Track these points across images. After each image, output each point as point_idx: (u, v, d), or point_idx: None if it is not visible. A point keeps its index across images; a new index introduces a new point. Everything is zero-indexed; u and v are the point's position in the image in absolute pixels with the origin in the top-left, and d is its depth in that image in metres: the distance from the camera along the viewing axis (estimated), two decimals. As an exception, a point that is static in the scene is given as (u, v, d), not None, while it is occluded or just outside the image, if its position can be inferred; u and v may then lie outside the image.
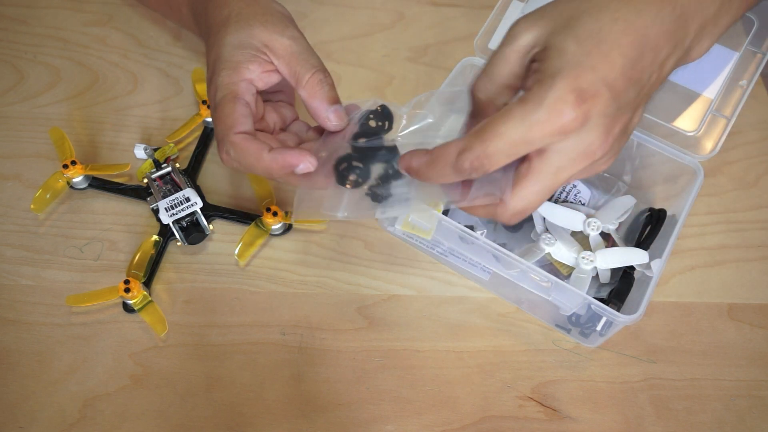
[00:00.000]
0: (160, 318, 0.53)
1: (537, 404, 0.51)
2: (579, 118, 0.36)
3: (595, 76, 0.36)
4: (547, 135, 0.37)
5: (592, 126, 0.37)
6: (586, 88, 0.36)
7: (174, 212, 0.55)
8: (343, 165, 0.47)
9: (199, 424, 0.50)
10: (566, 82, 0.36)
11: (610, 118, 0.38)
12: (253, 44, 0.48)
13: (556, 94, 0.36)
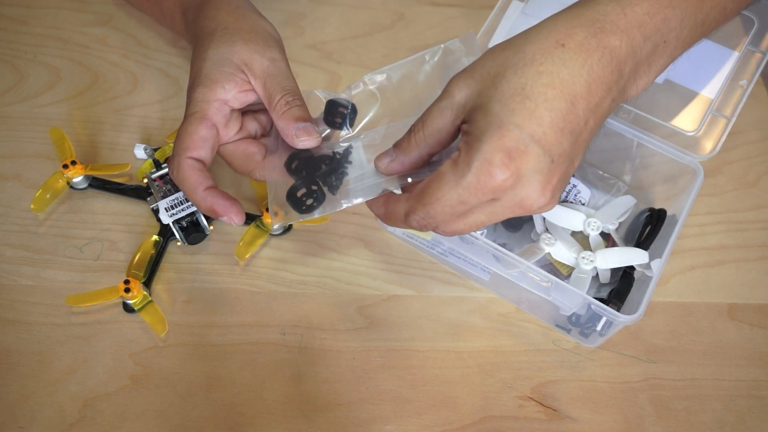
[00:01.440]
0: (160, 318, 0.53)
1: (537, 404, 0.51)
2: (509, 177, 0.37)
3: (522, 133, 0.36)
4: (481, 196, 0.38)
5: (526, 182, 0.37)
6: (513, 146, 0.36)
7: (174, 212, 0.55)
8: (299, 192, 0.48)
9: (199, 424, 0.50)
10: (492, 143, 0.37)
11: (544, 172, 0.37)
12: (233, 61, 0.49)
13: (483, 156, 0.37)
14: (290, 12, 0.71)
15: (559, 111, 0.37)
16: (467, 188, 0.38)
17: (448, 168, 0.38)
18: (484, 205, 0.39)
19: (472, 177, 0.37)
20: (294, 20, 0.70)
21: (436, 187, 0.39)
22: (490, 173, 0.37)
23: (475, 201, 0.38)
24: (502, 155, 0.36)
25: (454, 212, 0.39)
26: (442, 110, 0.41)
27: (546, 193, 0.38)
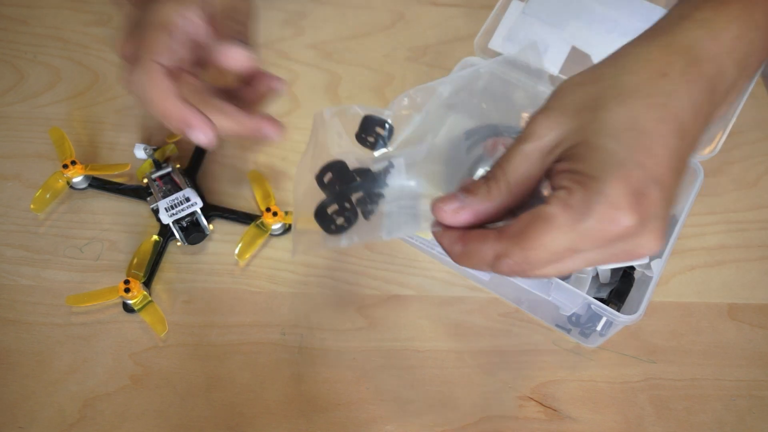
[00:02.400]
0: (160, 318, 0.53)
1: (537, 404, 0.51)
2: (635, 224, 0.32)
3: (645, 174, 0.32)
4: (598, 243, 0.33)
5: (648, 229, 0.33)
6: (639, 188, 0.32)
7: (174, 212, 0.55)
8: (331, 210, 0.43)
9: (199, 424, 0.50)
10: (617, 184, 0.32)
11: (662, 218, 0.33)
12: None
13: (608, 199, 0.32)
14: (290, 12, 0.71)
15: (673, 149, 0.33)
16: (585, 234, 0.33)
17: (558, 210, 0.33)
18: (594, 251, 0.34)
19: (593, 222, 0.32)
20: (294, 20, 0.70)
21: (542, 231, 0.33)
22: (614, 218, 0.32)
23: (588, 248, 0.33)
24: (630, 198, 0.32)
25: (558, 258, 0.34)
26: (528, 154, 0.35)
27: (660, 239, 0.33)
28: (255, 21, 0.50)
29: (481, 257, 0.35)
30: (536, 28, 0.60)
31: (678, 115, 0.34)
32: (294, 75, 0.67)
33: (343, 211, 0.43)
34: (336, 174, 0.45)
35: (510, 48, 0.60)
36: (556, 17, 0.60)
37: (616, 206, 0.32)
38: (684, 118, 0.34)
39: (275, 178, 0.61)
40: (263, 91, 0.51)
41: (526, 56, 0.47)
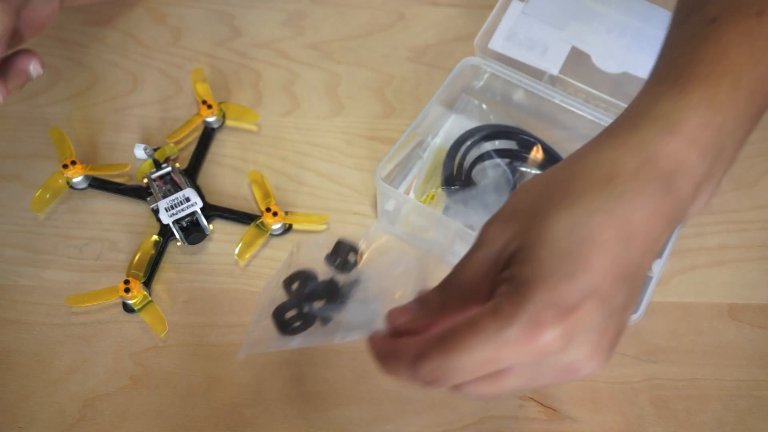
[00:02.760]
0: (160, 318, 0.53)
1: (537, 404, 0.51)
2: (560, 338, 0.30)
3: (576, 285, 0.30)
4: (522, 357, 0.31)
5: (577, 344, 0.31)
6: (566, 300, 0.30)
7: (174, 212, 0.55)
8: (289, 315, 0.45)
9: (199, 424, 0.50)
10: (542, 296, 0.30)
11: (598, 330, 0.31)
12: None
13: (532, 310, 0.30)
14: (290, 12, 0.71)
15: (615, 256, 0.31)
16: (506, 344, 0.31)
17: (485, 315, 0.31)
18: (522, 367, 0.32)
19: (513, 332, 0.30)
20: (294, 20, 0.70)
21: (468, 334, 0.31)
22: (537, 331, 0.30)
23: (512, 361, 0.31)
24: (554, 312, 0.30)
25: (482, 370, 0.32)
26: (478, 264, 0.34)
27: (597, 355, 0.32)
28: None
29: (403, 355, 0.34)
30: (536, 28, 0.60)
31: (626, 220, 0.32)
32: (294, 75, 0.67)
33: (302, 316, 0.45)
34: (303, 281, 0.47)
35: (510, 48, 0.60)
36: (556, 17, 0.60)
37: (540, 318, 0.30)
38: (634, 222, 0.32)
39: (275, 178, 0.61)
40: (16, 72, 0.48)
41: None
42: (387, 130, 0.64)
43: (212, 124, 0.62)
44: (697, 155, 0.34)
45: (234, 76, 0.66)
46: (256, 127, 0.64)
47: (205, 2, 0.71)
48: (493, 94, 0.64)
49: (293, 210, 0.59)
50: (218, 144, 0.63)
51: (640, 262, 0.32)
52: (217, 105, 0.62)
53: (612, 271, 0.31)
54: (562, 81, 0.59)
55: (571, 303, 0.30)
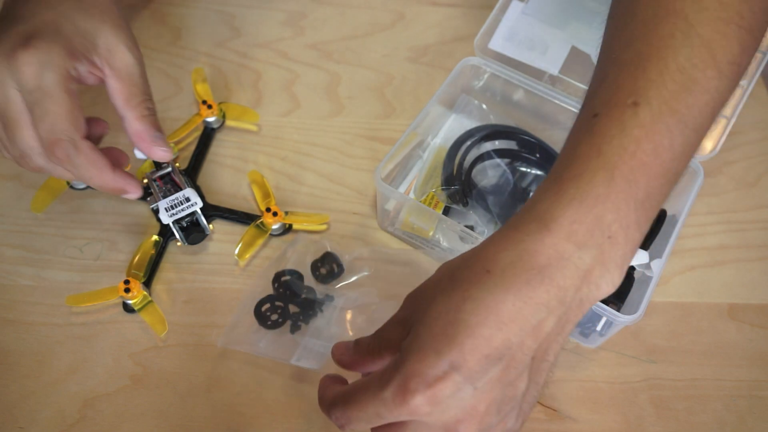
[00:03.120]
0: (160, 318, 0.53)
1: (537, 404, 0.51)
2: (425, 404, 0.35)
3: (440, 360, 0.35)
4: (397, 415, 0.36)
5: (445, 409, 0.36)
6: (431, 372, 0.35)
7: (174, 212, 0.55)
8: (265, 306, 0.52)
9: (199, 424, 0.50)
10: (411, 366, 0.36)
11: (466, 399, 0.36)
12: (96, 41, 0.47)
13: (402, 377, 0.36)
14: (290, 12, 0.71)
15: (482, 338, 0.35)
16: (383, 403, 0.36)
17: (375, 377, 0.37)
18: (408, 425, 0.37)
19: (388, 394, 0.36)
20: (294, 20, 0.70)
21: (361, 391, 0.38)
22: (404, 396, 0.35)
23: (391, 418, 0.37)
24: (419, 380, 0.35)
25: (375, 421, 0.38)
26: (394, 324, 0.40)
27: (472, 420, 0.37)
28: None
29: (326, 399, 0.40)
30: (536, 28, 0.60)
31: (495, 308, 0.35)
32: (294, 75, 0.67)
33: (278, 312, 0.53)
34: (288, 281, 0.54)
35: (510, 48, 0.60)
36: (556, 17, 0.60)
37: (407, 385, 0.35)
38: (504, 310, 0.35)
39: (275, 178, 0.61)
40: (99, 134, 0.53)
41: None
42: (387, 130, 0.64)
43: (212, 124, 0.62)
44: (574, 247, 0.36)
45: (234, 76, 0.66)
46: (256, 127, 0.64)
47: (205, 2, 0.71)
48: (493, 94, 0.64)
49: (293, 210, 0.59)
50: (218, 144, 0.63)
51: (517, 345, 0.36)
52: (217, 105, 0.62)
53: (479, 350, 0.35)
54: (562, 81, 0.59)
55: (435, 375, 0.35)
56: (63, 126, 0.44)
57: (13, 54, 0.44)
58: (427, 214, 0.55)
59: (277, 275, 0.54)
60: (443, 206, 0.56)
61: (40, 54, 0.44)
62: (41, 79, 0.44)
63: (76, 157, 0.45)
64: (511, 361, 0.36)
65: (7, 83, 0.44)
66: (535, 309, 0.36)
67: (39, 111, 0.44)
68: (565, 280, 0.36)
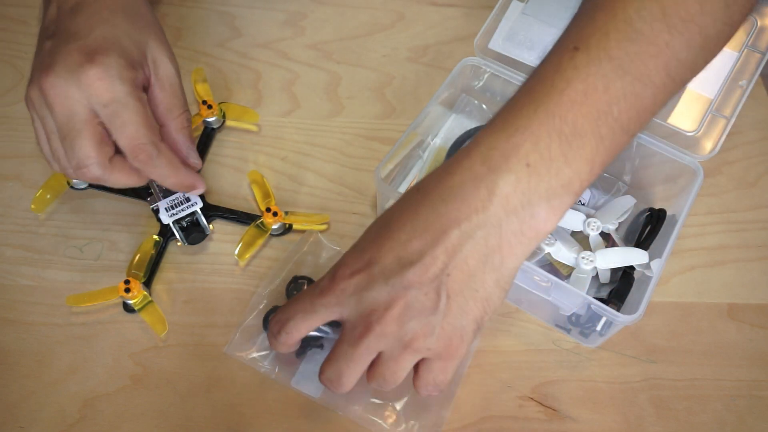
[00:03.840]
0: (160, 318, 0.53)
1: (537, 404, 0.51)
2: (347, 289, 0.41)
3: (362, 255, 0.41)
4: (327, 302, 0.42)
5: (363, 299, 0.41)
6: (353, 264, 0.41)
7: (174, 212, 0.55)
8: (272, 316, 0.51)
9: (199, 424, 0.50)
10: (341, 261, 0.42)
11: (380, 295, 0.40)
12: (145, 52, 0.49)
13: (333, 269, 0.42)
14: (290, 12, 0.71)
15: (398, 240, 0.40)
16: (317, 292, 0.42)
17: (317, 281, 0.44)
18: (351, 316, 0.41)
19: (322, 283, 0.42)
20: (294, 20, 0.70)
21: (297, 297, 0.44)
22: (332, 282, 0.42)
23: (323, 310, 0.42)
24: (344, 269, 0.42)
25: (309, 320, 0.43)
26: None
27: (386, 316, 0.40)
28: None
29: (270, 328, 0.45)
30: (536, 28, 0.60)
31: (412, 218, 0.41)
32: (294, 75, 0.67)
33: None
34: (301, 288, 0.54)
35: (510, 48, 0.60)
36: (556, 17, 0.60)
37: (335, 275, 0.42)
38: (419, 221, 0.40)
39: (275, 178, 0.61)
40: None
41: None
42: (387, 130, 0.64)
43: (212, 124, 0.62)
44: (487, 170, 0.39)
45: (234, 76, 0.66)
46: (256, 127, 0.64)
47: (205, 2, 0.71)
48: (493, 94, 0.64)
49: (293, 210, 0.59)
50: (218, 144, 0.63)
51: (431, 254, 0.39)
52: (217, 105, 0.62)
53: (394, 251, 0.40)
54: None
55: (357, 266, 0.41)
56: (144, 131, 0.47)
57: (81, 70, 0.45)
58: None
59: (290, 283, 0.54)
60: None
61: (108, 68, 0.46)
62: (114, 91, 0.46)
63: (158, 159, 0.48)
64: (424, 270, 0.39)
65: (74, 98, 0.46)
66: (447, 223, 0.39)
67: (119, 122, 0.46)
68: (478, 201, 0.39)
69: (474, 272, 0.39)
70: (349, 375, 0.42)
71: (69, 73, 0.45)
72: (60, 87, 0.45)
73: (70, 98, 0.46)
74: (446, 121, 0.62)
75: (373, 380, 0.42)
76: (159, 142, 0.48)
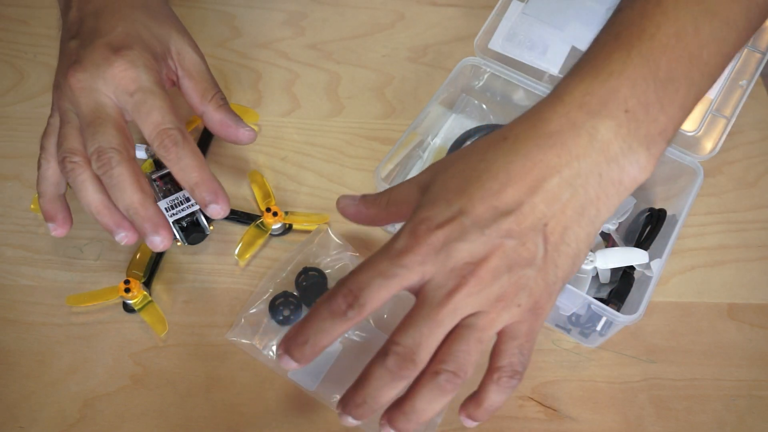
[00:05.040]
0: (160, 318, 0.53)
1: (537, 404, 0.51)
2: (435, 244, 0.36)
3: (449, 205, 0.37)
4: (408, 264, 0.37)
5: (454, 251, 0.36)
6: (439, 216, 0.37)
7: (174, 212, 0.55)
8: (279, 300, 0.53)
9: (199, 424, 0.50)
10: (420, 214, 0.38)
11: (475, 246, 0.36)
12: (169, 45, 0.50)
13: (411, 224, 0.37)
14: (290, 12, 0.71)
15: (491, 190, 0.37)
16: (395, 254, 0.37)
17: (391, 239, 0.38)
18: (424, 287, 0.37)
19: (399, 244, 0.37)
20: (294, 20, 0.70)
21: (369, 258, 0.38)
22: (413, 240, 0.37)
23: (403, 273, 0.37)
24: (428, 223, 0.37)
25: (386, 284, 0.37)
26: (409, 184, 0.42)
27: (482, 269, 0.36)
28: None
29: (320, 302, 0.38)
30: (536, 28, 0.60)
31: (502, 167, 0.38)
32: (294, 75, 0.67)
33: (289, 306, 0.53)
34: (312, 282, 0.54)
35: (510, 48, 0.60)
36: (555, 17, 0.60)
37: (416, 231, 0.37)
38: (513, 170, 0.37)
39: (275, 178, 0.61)
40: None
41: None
42: (387, 130, 0.64)
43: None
44: (586, 116, 0.38)
45: (234, 76, 0.66)
46: (256, 127, 0.64)
47: (205, 2, 0.71)
48: (493, 94, 0.64)
49: (293, 210, 0.59)
50: (218, 144, 0.63)
51: (529, 203, 0.37)
52: (217, 105, 0.62)
53: (487, 200, 0.37)
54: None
55: (443, 218, 0.37)
56: (170, 117, 0.47)
57: (107, 63, 0.47)
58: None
59: (302, 272, 0.55)
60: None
61: (134, 59, 0.47)
62: (140, 81, 0.47)
63: (183, 146, 0.47)
64: (522, 218, 0.37)
65: (101, 91, 0.47)
66: (545, 171, 0.37)
67: (145, 108, 0.47)
68: (578, 148, 0.37)
69: (570, 224, 0.37)
70: (428, 345, 0.37)
71: (95, 68, 0.47)
72: (87, 81, 0.46)
73: (97, 91, 0.47)
74: (446, 121, 0.62)
75: (441, 363, 0.37)
76: (185, 130, 0.47)
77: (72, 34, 0.50)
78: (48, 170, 0.50)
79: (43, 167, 0.50)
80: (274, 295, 0.54)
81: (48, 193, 0.50)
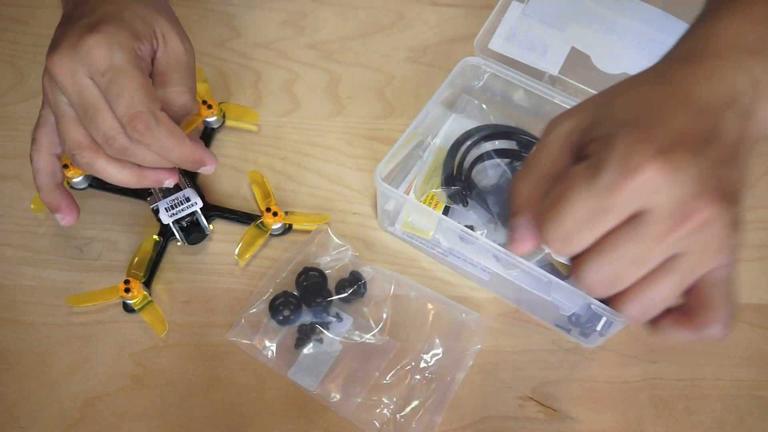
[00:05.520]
0: (160, 318, 0.53)
1: (537, 404, 0.51)
2: (659, 167, 0.31)
3: (662, 130, 0.32)
4: (621, 203, 0.31)
5: (683, 181, 0.31)
6: (655, 141, 0.31)
7: (174, 212, 0.55)
8: (279, 300, 0.53)
9: (199, 424, 0.50)
10: (629, 135, 0.32)
11: (703, 171, 0.32)
12: (154, 27, 0.48)
13: (621, 148, 0.31)
14: (290, 12, 0.71)
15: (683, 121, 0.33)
16: (603, 192, 0.31)
17: (579, 170, 0.32)
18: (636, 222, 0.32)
19: (605, 179, 0.31)
20: (294, 20, 0.70)
21: (567, 196, 0.32)
22: (628, 172, 0.31)
23: (619, 206, 0.31)
24: (645, 148, 0.31)
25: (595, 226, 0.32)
26: (546, 145, 0.36)
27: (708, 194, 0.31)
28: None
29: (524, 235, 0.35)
30: (536, 29, 0.60)
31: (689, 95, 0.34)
32: (294, 75, 0.67)
33: (289, 304, 0.53)
34: (312, 281, 0.54)
35: (510, 48, 0.60)
36: (555, 18, 0.60)
37: (635, 152, 0.31)
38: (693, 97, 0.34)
39: (275, 178, 0.61)
40: None
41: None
42: (387, 130, 0.64)
43: (212, 124, 0.62)
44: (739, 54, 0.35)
45: (234, 76, 0.66)
46: (256, 127, 0.64)
47: (205, 2, 0.71)
48: (493, 94, 0.64)
49: (293, 210, 0.59)
50: (218, 144, 0.63)
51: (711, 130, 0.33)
52: (217, 105, 0.62)
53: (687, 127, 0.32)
54: (562, 81, 0.59)
55: (662, 144, 0.31)
56: (141, 98, 0.44)
57: (81, 40, 0.44)
58: (427, 214, 0.55)
59: (302, 272, 0.55)
60: (443, 206, 0.56)
61: (108, 36, 0.44)
62: (112, 59, 0.44)
63: (157, 129, 0.44)
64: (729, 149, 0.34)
65: (79, 71, 0.45)
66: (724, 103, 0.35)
67: (115, 88, 0.44)
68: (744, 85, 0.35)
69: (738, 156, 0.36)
70: (627, 280, 0.33)
71: (71, 48, 0.45)
72: (64, 63, 0.45)
73: (76, 73, 0.45)
74: (446, 121, 0.62)
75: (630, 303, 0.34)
76: (159, 112, 0.45)
77: (61, 23, 0.49)
78: (40, 162, 0.49)
79: (35, 160, 0.49)
80: (274, 295, 0.54)
81: (46, 185, 0.49)
